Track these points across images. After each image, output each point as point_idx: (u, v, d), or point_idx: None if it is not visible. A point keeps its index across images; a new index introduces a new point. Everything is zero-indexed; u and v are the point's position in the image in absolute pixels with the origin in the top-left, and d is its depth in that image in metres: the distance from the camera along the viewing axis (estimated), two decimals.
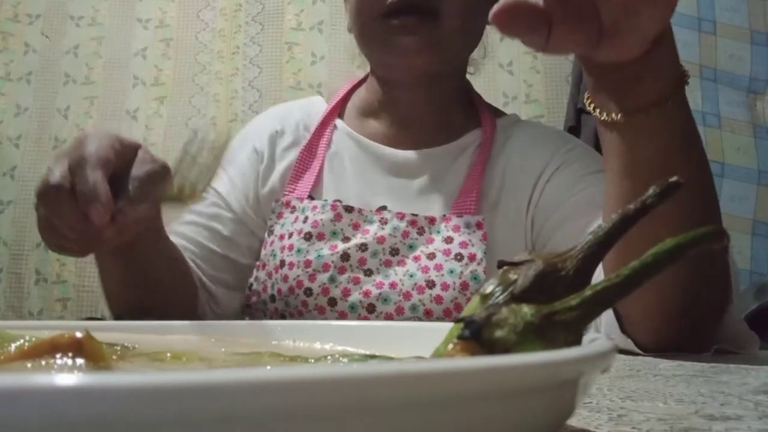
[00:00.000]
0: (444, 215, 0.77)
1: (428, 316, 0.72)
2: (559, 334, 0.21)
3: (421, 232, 0.76)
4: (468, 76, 0.91)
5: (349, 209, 0.78)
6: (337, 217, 0.77)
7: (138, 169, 0.54)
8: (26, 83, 2.16)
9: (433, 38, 0.76)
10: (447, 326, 0.24)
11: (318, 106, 0.90)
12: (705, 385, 0.37)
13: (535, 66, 2.05)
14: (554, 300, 0.21)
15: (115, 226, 0.53)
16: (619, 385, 0.37)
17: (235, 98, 2.10)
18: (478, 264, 0.73)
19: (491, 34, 0.88)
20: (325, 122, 0.86)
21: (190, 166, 0.53)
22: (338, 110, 0.88)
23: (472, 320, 0.21)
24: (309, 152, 0.84)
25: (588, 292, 0.21)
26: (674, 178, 0.22)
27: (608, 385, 0.37)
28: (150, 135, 2.10)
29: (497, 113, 0.90)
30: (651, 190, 0.23)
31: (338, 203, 0.79)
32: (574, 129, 1.95)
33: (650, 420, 0.27)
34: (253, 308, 0.80)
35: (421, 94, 0.83)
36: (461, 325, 0.21)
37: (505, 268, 0.23)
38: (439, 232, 0.76)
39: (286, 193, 0.82)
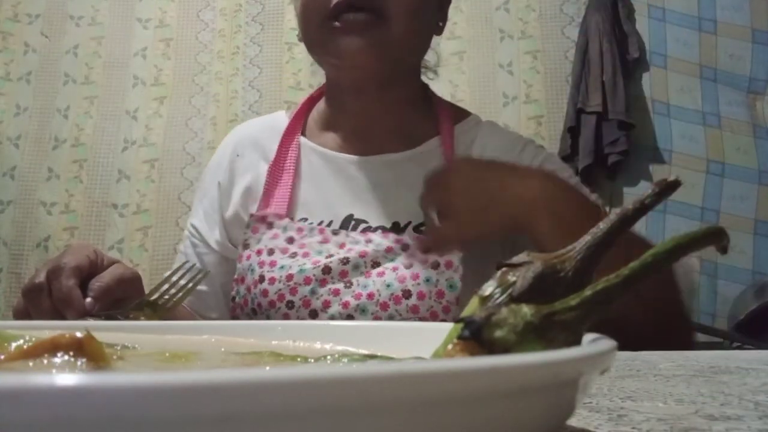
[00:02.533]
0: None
1: None
2: (559, 334, 0.21)
3: (405, 248, 0.76)
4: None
5: (336, 233, 0.79)
6: (325, 240, 0.79)
7: (97, 279, 0.66)
8: (26, 83, 2.16)
9: (379, 39, 0.75)
10: (447, 326, 0.24)
11: (281, 122, 0.91)
12: (705, 385, 0.37)
13: (535, 66, 2.05)
14: (554, 301, 0.21)
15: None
16: (619, 385, 0.37)
17: (235, 98, 2.10)
18: (455, 271, 0.74)
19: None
20: (288, 138, 0.87)
21: (168, 288, 0.68)
22: (300, 126, 0.89)
23: (472, 320, 0.21)
24: (277, 168, 0.86)
25: (588, 292, 0.21)
26: (673, 178, 0.23)
27: (608, 385, 0.37)
28: (150, 135, 2.11)
29: (458, 116, 0.89)
30: (650, 190, 0.23)
31: (326, 228, 0.80)
32: (574, 129, 1.96)
33: (650, 420, 0.27)
34: (239, 320, 0.81)
35: (372, 100, 0.83)
36: (461, 325, 0.21)
37: (503, 269, 0.23)
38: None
39: (261, 207, 0.84)
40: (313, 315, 0.75)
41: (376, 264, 0.76)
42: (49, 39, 2.18)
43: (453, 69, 2.00)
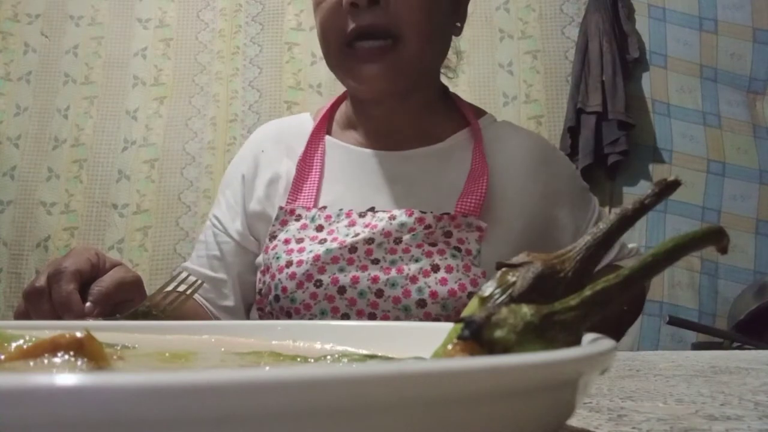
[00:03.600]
0: (450, 214, 0.79)
1: (433, 297, 0.74)
2: (558, 334, 0.21)
3: (428, 227, 0.78)
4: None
5: (362, 215, 0.81)
6: (352, 223, 0.81)
7: (97, 283, 0.66)
8: (26, 83, 2.16)
9: (395, 63, 0.79)
10: (447, 326, 0.24)
11: (305, 122, 0.94)
12: (705, 385, 0.38)
13: (535, 66, 2.05)
14: (554, 301, 0.21)
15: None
16: (619, 385, 0.37)
17: (235, 98, 2.10)
18: (474, 258, 0.78)
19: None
20: (315, 137, 0.90)
21: (165, 296, 0.68)
22: (325, 126, 0.92)
23: (472, 320, 0.21)
24: (305, 165, 0.88)
25: (587, 292, 0.21)
26: (672, 178, 0.23)
27: (608, 385, 0.37)
28: (150, 135, 2.10)
29: (478, 113, 0.93)
30: (650, 190, 0.23)
31: (352, 211, 0.82)
32: (574, 129, 1.96)
33: (650, 420, 0.27)
34: (265, 311, 0.82)
35: (393, 108, 0.86)
36: (461, 325, 0.21)
37: (503, 269, 0.23)
38: (442, 227, 0.79)
39: (290, 201, 0.86)
40: (342, 291, 0.77)
41: (398, 240, 0.78)
42: (49, 39, 2.18)
43: None
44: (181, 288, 0.71)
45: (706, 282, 1.88)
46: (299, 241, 0.81)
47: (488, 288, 0.23)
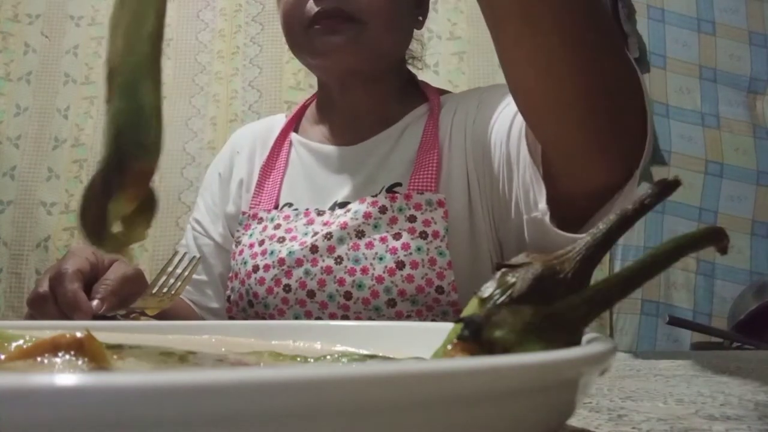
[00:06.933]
0: (405, 194, 0.77)
1: (402, 295, 0.73)
2: (558, 335, 0.21)
3: (383, 210, 0.76)
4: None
5: (320, 213, 0.81)
6: (310, 221, 0.81)
7: (101, 281, 0.66)
8: (26, 83, 2.15)
9: (355, 37, 0.79)
10: (447, 326, 0.24)
11: (278, 123, 0.96)
12: (705, 385, 0.38)
13: None
14: (553, 302, 0.22)
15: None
16: (619, 385, 0.37)
17: (235, 98, 2.10)
18: (442, 240, 0.75)
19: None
20: (282, 138, 0.92)
21: (168, 278, 0.70)
22: (293, 125, 0.94)
23: (472, 320, 0.21)
24: (268, 167, 0.89)
25: (588, 292, 0.21)
26: (672, 178, 0.23)
27: (608, 385, 0.38)
28: None
29: (441, 92, 0.93)
30: (649, 190, 0.23)
31: (310, 211, 0.82)
32: None
33: (650, 420, 0.27)
34: (236, 318, 0.82)
35: (358, 95, 0.87)
36: (461, 325, 0.21)
37: (503, 270, 0.23)
38: (401, 210, 0.77)
39: (252, 206, 0.87)
40: (311, 295, 0.76)
41: (360, 234, 0.76)
42: (49, 39, 2.18)
43: (453, 69, 2.00)
44: (182, 267, 0.72)
45: (703, 282, 1.88)
46: (261, 243, 0.81)
47: (488, 289, 0.23)
